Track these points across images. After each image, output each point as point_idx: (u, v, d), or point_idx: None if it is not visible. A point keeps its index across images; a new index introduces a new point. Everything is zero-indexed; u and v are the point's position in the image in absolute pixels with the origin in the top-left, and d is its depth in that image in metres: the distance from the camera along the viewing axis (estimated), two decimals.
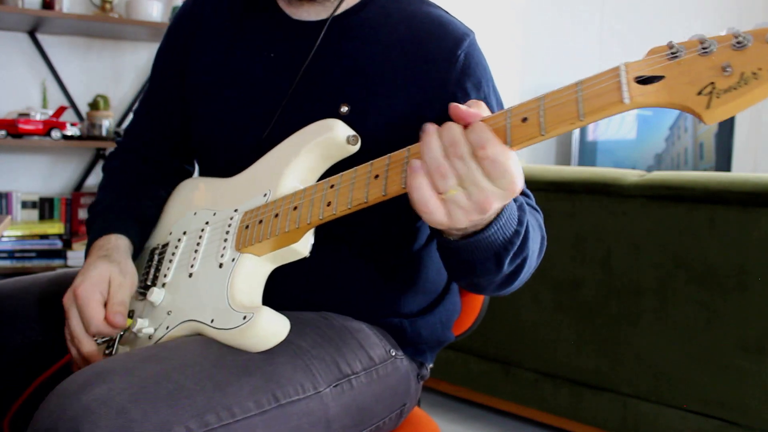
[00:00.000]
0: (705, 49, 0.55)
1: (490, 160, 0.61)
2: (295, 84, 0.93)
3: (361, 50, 0.93)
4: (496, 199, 0.63)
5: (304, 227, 0.78)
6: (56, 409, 0.66)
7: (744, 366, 1.64)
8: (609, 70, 0.60)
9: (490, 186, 0.63)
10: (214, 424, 0.70)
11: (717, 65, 0.54)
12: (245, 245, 0.83)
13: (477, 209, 0.64)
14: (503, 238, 0.72)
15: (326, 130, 0.82)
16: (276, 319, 0.78)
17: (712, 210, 1.68)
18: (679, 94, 0.56)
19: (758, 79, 0.52)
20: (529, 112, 0.62)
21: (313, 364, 0.82)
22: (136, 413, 0.65)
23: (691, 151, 4.35)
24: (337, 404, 0.83)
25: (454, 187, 0.63)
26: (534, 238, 0.81)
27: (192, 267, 0.88)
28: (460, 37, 0.92)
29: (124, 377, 0.69)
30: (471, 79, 0.90)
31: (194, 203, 0.98)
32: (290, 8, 0.98)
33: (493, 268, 0.77)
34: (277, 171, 0.85)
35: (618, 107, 0.58)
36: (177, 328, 0.84)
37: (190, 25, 1.05)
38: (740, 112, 0.54)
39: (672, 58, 0.57)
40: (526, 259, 0.79)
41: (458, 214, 0.64)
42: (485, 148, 0.62)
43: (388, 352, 0.94)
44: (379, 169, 0.72)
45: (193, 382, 0.71)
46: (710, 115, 0.55)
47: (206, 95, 1.01)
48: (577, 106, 0.60)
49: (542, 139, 0.62)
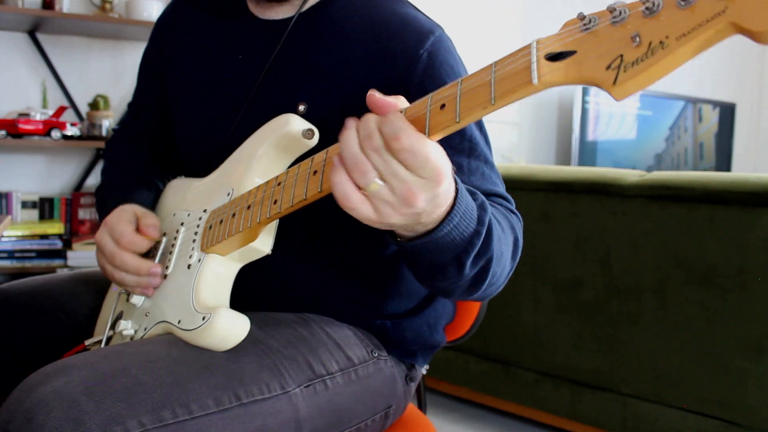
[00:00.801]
0: (616, 18, 0.51)
1: (407, 150, 0.58)
2: (257, 83, 0.93)
3: (323, 48, 0.91)
4: (420, 190, 0.59)
5: (255, 226, 0.78)
6: (15, 402, 0.67)
7: (744, 366, 1.64)
8: (522, 48, 0.56)
9: (412, 177, 0.59)
10: (168, 419, 0.70)
11: (627, 35, 0.50)
12: (209, 245, 0.83)
13: (403, 202, 0.60)
14: (461, 239, 0.69)
15: (282, 125, 0.82)
16: (234, 319, 0.78)
17: (712, 210, 1.68)
18: (588, 69, 0.51)
19: (665, 49, 0.48)
20: (447, 98, 0.59)
21: (282, 363, 0.82)
22: (89, 405, 0.66)
23: (691, 151, 4.35)
24: (308, 405, 0.82)
25: (375, 182, 0.60)
26: (502, 239, 0.77)
27: (167, 269, 0.89)
28: (424, 35, 0.88)
29: (82, 371, 0.70)
30: (433, 81, 0.86)
31: (175, 204, 0.99)
32: (258, 9, 0.98)
33: (454, 271, 0.73)
34: (239, 169, 0.86)
35: (528, 89, 0.54)
36: (152, 329, 0.85)
37: (169, 29, 1.07)
38: (652, 84, 0.49)
39: (585, 30, 0.52)
40: (491, 261, 0.74)
41: (385, 208, 0.61)
42: (399, 138, 0.58)
43: (370, 352, 0.93)
44: (318, 164, 0.70)
45: (152, 378, 0.71)
46: (618, 91, 0.50)
47: (181, 97, 1.03)
48: (489, 89, 0.56)
49: (459, 127, 0.58)
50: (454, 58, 0.91)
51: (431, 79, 0.86)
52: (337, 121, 0.87)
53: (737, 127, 4.65)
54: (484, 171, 0.88)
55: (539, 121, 3.91)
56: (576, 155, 3.69)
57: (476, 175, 0.87)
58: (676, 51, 0.47)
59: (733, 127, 4.56)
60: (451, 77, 0.87)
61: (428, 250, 0.69)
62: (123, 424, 0.66)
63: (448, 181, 0.62)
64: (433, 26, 0.90)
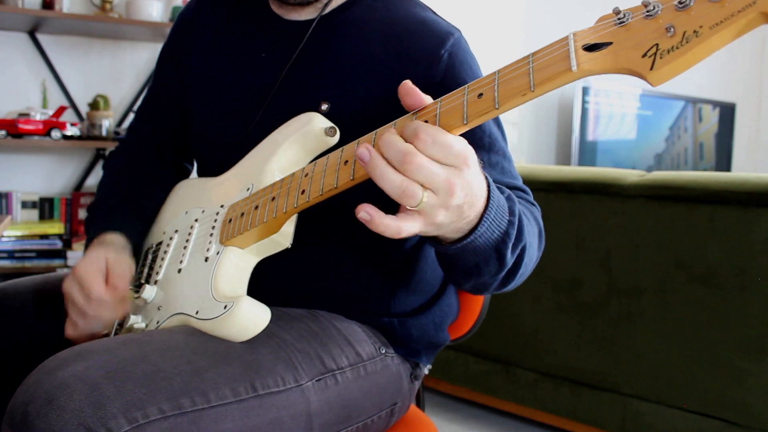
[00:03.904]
0: (650, 12, 0.55)
1: (429, 142, 0.61)
2: (279, 82, 0.94)
3: (344, 49, 0.93)
4: (455, 177, 0.62)
5: (281, 216, 0.79)
6: (34, 384, 0.67)
7: (744, 366, 1.64)
8: (559, 40, 0.60)
9: (444, 170, 0.62)
10: (188, 407, 0.70)
11: (661, 27, 0.54)
12: (229, 238, 0.84)
13: (446, 195, 0.63)
14: (499, 230, 0.72)
15: (304, 123, 0.84)
16: (256, 309, 0.79)
17: (712, 210, 1.68)
18: (625, 58, 0.56)
19: (699, 37, 0.52)
20: (484, 87, 0.63)
21: (296, 357, 0.83)
22: (110, 390, 0.66)
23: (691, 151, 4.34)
24: (320, 399, 0.83)
25: (424, 195, 0.62)
26: (530, 229, 0.80)
27: (181, 263, 0.90)
28: (444, 36, 0.91)
29: (103, 356, 0.70)
30: (453, 81, 0.89)
31: (186, 202, 1.00)
32: (281, 10, 1.00)
33: (496, 265, 0.76)
34: (260, 165, 0.88)
35: (567, 76, 0.58)
36: (166, 322, 0.86)
37: (189, 27, 1.08)
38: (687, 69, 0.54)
39: (619, 23, 0.57)
40: (525, 248, 0.78)
41: (434, 211, 0.64)
42: (418, 135, 0.62)
43: (378, 349, 0.94)
44: (349, 154, 0.72)
45: (171, 366, 0.72)
46: (655, 76, 0.55)
47: (201, 95, 1.03)
48: (528, 77, 0.60)
49: (498, 113, 0.62)
50: (473, 59, 0.94)
51: (452, 79, 0.89)
52: (358, 120, 0.88)
53: (737, 127, 4.64)
54: (504, 165, 0.92)
55: (539, 121, 3.91)
56: (576, 155, 3.69)
57: (497, 170, 0.90)
58: (710, 38, 0.52)
59: (733, 127, 4.56)
60: (470, 77, 0.90)
61: (472, 248, 0.72)
62: (143, 409, 0.67)
63: (474, 164, 0.65)
64: (451, 28, 0.93)
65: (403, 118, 0.69)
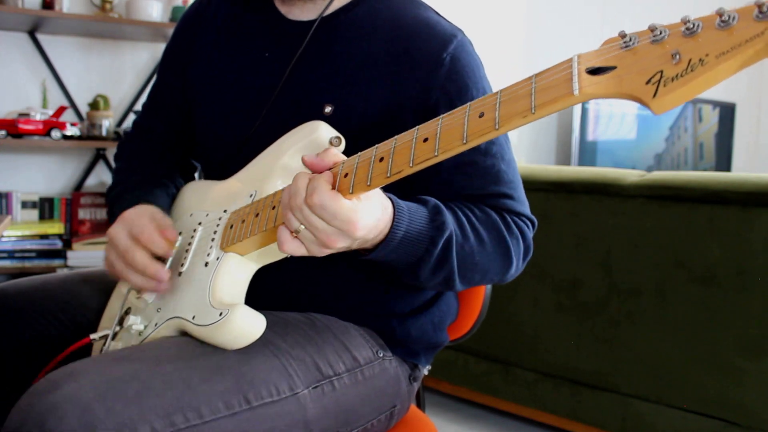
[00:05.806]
0: (656, 37, 0.54)
1: (317, 206, 0.68)
2: (282, 83, 0.94)
3: (347, 50, 0.93)
4: (337, 237, 0.70)
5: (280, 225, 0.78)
6: (26, 407, 0.67)
7: (744, 366, 1.64)
8: (563, 62, 0.59)
9: (327, 227, 0.70)
10: (180, 424, 0.70)
11: (667, 53, 0.53)
12: (229, 244, 0.84)
13: (322, 245, 0.71)
14: (407, 257, 0.80)
15: (310, 132, 0.84)
16: (251, 318, 0.79)
17: (712, 210, 1.68)
18: (628, 83, 0.54)
19: (705, 66, 0.50)
20: (486, 107, 0.62)
21: (291, 365, 0.82)
22: (101, 411, 0.66)
23: (691, 151, 4.34)
24: (316, 406, 0.82)
25: (300, 227, 0.71)
26: (475, 251, 0.85)
27: (182, 266, 0.89)
28: (447, 38, 0.90)
29: (93, 376, 0.70)
30: (455, 84, 0.89)
31: (191, 205, 1.00)
32: (284, 7, 0.99)
33: (412, 279, 0.85)
34: (264, 172, 0.87)
35: (568, 99, 0.57)
36: (164, 325, 0.85)
37: (194, 26, 1.07)
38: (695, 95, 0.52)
39: (625, 47, 0.56)
40: (453, 272, 0.84)
41: (313, 247, 0.72)
42: (312, 196, 0.69)
43: (376, 353, 0.94)
44: (348, 167, 0.72)
45: (163, 382, 0.72)
46: (657, 104, 0.52)
47: (204, 93, 1.03)
48: (530, 98, 0.59)
49: (498, 134, 0.62)
50: (475, 61, 0.93)
51: (453, 83, 0.89)
52: (361, 123, 0.89)
53: (737, 127, 4.64)
54: (500, 169, 0.91)
55: (539, 121, 3.91)
56: (576, 155, 3.69)
57: (491, 173, 0.90)
58: (716, 68, 0.50)
59: (733, 127, 4.56)
60: (472, 80, 0.90)
61: (382, 262, 0.80)
62: (135, 429, 0.67)
63: (365, 230, 0.71)
64: (454, 30, 0.93)
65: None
